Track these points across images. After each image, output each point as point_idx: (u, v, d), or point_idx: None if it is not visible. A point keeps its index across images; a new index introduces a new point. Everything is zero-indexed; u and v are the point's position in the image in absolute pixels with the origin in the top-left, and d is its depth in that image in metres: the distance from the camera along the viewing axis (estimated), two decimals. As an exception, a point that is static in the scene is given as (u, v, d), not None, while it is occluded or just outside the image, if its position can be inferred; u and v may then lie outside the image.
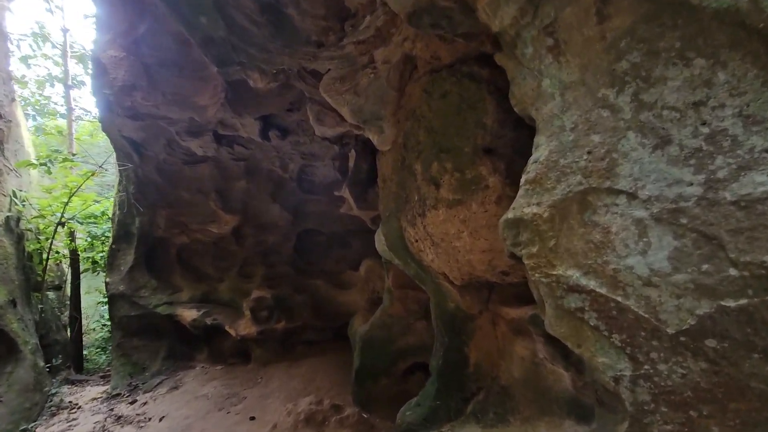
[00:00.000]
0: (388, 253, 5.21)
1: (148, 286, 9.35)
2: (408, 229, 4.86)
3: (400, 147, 4.82)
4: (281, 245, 9.93)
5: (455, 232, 4.00)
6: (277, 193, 9.48)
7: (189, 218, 9.36)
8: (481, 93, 3.61)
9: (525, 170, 2.69)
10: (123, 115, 7.42)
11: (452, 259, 4.25)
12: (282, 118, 8.19)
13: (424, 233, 4.48)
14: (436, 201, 4.08)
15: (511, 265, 3.86)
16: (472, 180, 3.71)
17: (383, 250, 5.31)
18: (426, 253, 4.71)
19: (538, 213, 2.59)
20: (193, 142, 8.15)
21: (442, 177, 3.98)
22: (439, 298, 4.73)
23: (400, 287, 5.95)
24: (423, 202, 4.30)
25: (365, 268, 8.21)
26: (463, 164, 3.75)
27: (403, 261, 5.05)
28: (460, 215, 3.88)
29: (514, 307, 4.16)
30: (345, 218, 9.93)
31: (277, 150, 8.98)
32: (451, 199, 3.92)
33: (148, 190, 9.09)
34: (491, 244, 3.78)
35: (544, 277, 2.64)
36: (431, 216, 4.19)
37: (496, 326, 4.53)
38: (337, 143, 8.54)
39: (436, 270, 4.73)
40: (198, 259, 10.01)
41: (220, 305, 9.23)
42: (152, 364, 9.02)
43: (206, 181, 9.19)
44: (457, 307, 4.60)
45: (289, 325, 8.32)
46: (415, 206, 4.52)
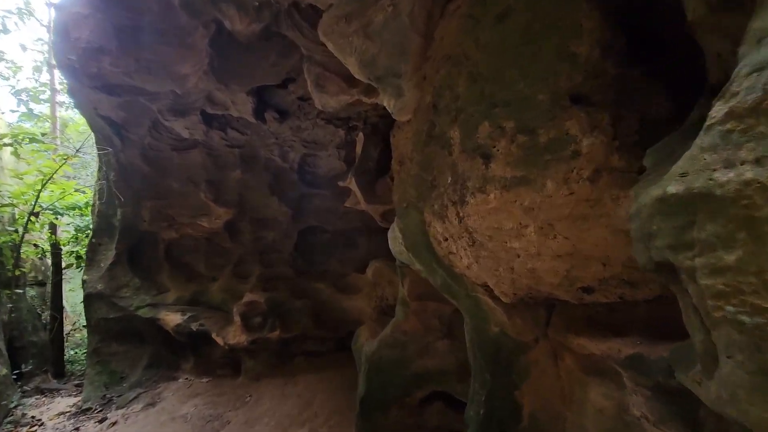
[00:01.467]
0: (405, 254, 3.77)
1: (130, 286, 7.95)
2: (434, 224, 3.41)
3: (426, 112, 3.37)
4: (281, 243, 8.50)
5: (514, 226, 2.54)
6: (276, 186, 8.05)
7: (177, 211, 7.95)
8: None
9: (722, 95, 1.25)
10: (92, 87, 6.02)
11: (503, 265, 2.80)
12: (279, 96, 6.77)
13: (460, 229, 3.03)
14: (484, 181, 2.63)
15: (602, 279, 2.40)
16: (549, 145, 2.25)
17: (399, 251, 3.87)
18: (459, 255, 3.27)
19: (753, 180, 1.14)
20: (178, 123, 6.74)
21: (496, 144, 2.52)
22: (478, 319, 3.28)
23: (418, 298, 4.50)
24: (461, 184, 2.86)
25: (373, 270, 6.76)
26: (535, 121, 2.30)
27: (426, 266, 3.60)
28: (523, 201, 2.43)
29: (595, 338, 2.70)
30: (351, 214, 8.49)
31: (275, 136, 7.56)
32: (511, 178, 2.46)
33: (132, 179, 7.69)
34: (575, 246, 2.32)
35: (749, 313, 1.21)
36: (475, 203, 2.74)
37: (559, 361, 3.06)
38: (342, 126, 7.10)
39: (473, 279, 3.28)
40: (189, 257, 8.60)
41: (209, 309, 7.81)
42: (132, 373, 7.61)
43: (197, 170, 7.79)
44: (503, 332, 3.14)
45: (285, 335, 6.88)
46: (448, 192, 3.08)
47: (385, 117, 6.44)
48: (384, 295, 6.63)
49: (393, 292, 6.51)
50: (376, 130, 6.30)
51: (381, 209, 6.07)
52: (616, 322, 2.77)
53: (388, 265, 6.59)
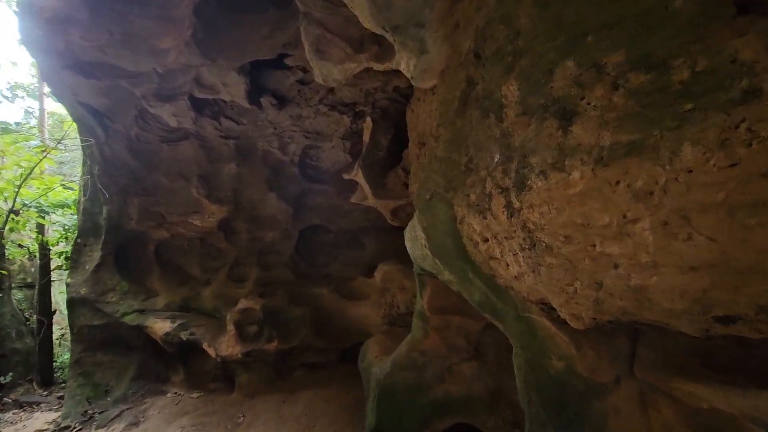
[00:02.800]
0: (429, 260, 2.83)
1: (116, 290, 7.03)
2: (470, 220, 2.47)
3: (460, 70, 2.42)
4: (280, 244, 7.57)
5: (612, 221, 1.58)
6: (275, 180, 7.12)
7: (167, 208, 7.03)
8: None
9: None
10: (65, 66, 5.10)
11: (584, 279, 1.84)
12: (277, 79, 5.83)
13: (511, 226, 2.08)
14: (562, 154, 1.68)
15: (763, 306, 1.44)
16: (693, 84, 1.30)
17: (420, 256, 2.94)
18: (505, 262, 2.32)
19: None
20: (164, 109, 5.82)
21: (585, 94, 1.56)
22: (533, 349, 2.32)
23: (440, 311, 3.55)
24: (519, 162, 1.91)
25: (382, 274, 5.82)
26: (665, 46, 1.35)
27: (459, 275, 2.66)
28: (634, 180, 1.47)
29: (716, 385, 1.75)
30: (357, 212, 7.55)
31: (273, 125, 6.63)
32: (611, 145, 1.50)
33: (117, 173, 6.77)
34: (724, 252, 1.36)
35: None
36: (543, 189, 1.78)
37: (650, 412, 2.10)
38: (347, 112, 6.15)
39: (525, 294, 2.34)
40: (182, 258, 7.68)
41: (202, 315, 6.89)
42: (117, 386, 6.69)
43: (189, 164, 6.86)
44: (570, 369, 2.19)
45: (283, 346, 5.94)
46: (493, 175, 2.13)
47: (397, 100, 5.50)
48: (394, 302, 5.69)
49: (405, 299, 5.57)
50: (386, 115, 5.36)
51: (392, 205, 5.13)
52: (749, 363, 1.82)
53: (399, 268, 5.65)
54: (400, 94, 5.34)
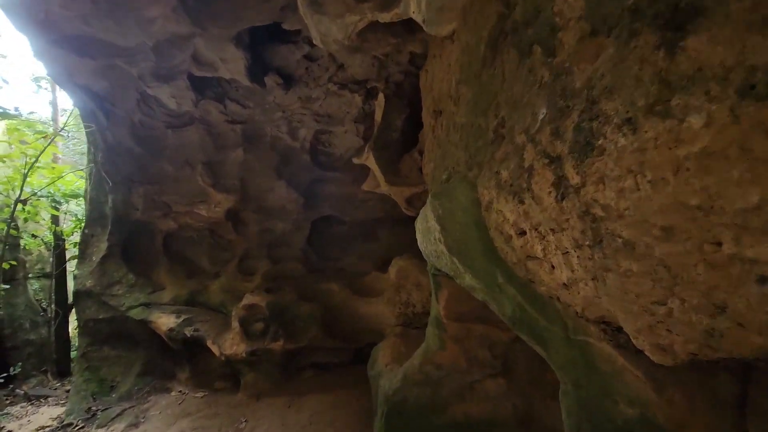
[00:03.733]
0: (445, 258, 2.13)
1: (123, 282, 6.61)
2: (500, 206, 1.76)
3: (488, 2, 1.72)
4: (291, 236, 7.00)
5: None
6: (285, 168, 6.53)
7: (172, 197, 6.54)
8: None
9: None
10: (51, 41, 4.59)
11: (694, 296, 1.12)
12: (281, 55, 5.18)
13: (561, 211, 1.38)
14: (664, 89, 0.97)
15: None
16: None
17: (435, 253, 2.23)
18: (549, 263, 1.61)
19: None
20: (162, 90, 5.27)
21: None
22: (591, 386, 1.61)
23: (460, 319, 2.85)
24: (581, 112, 1.22)
25: (397, 270, 5.16)
26: None
27: (484, 278, 1.95)
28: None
29: None
30: (371, 201, 6.89)
31: (282, 108, 6.01)
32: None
33: (121, 161, 6.31)
34: None
35: None
36: (630, 149, 1.07)
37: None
38: (359, 91, 5.46)
39: (579, 309, 1.63)
40: (191, 250, 7.20)
41: (209, 310, 6.40)
42: (123, 382, 6.28)
43: (194, 150, 6.34)
44: (646, 418, 1.48)
45: (290, 346, 5.36)
46: (536, 140, 1.44)
47: (412, 74, 4.78)
48: (410, 300, 5.02)
49: (422, 298, 4.90)
50: (400, 92, 4.66)
51: (407, 192, 4.44)
52: None
53: (416, 263, 4.97)
54: (416, 67, 4.61)
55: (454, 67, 2.10)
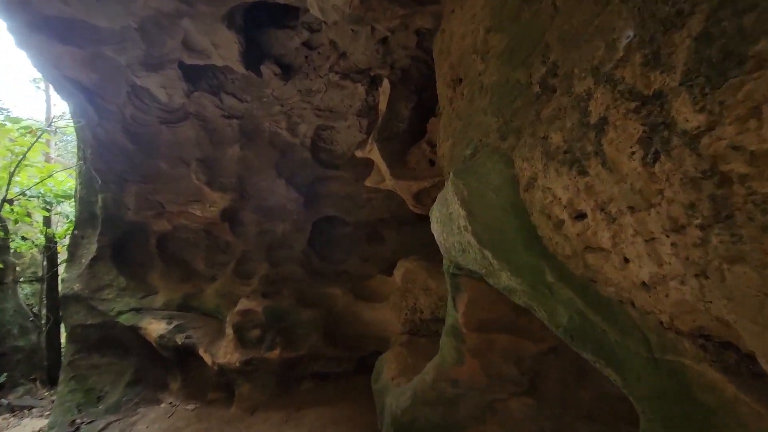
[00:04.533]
0: (472, 251, 1.65)
1: (114, 286, 6.16)
2: (548, 181, 1.30)
3: None
4: (291, 237, 6.54)
5: None
6: (285, 166, 6.10)
7: (167, 196, 6.11)
8: None
9: None
10: (30, 26, 4.21)
11: None
12: (279, 42, 4.76)
13: (649, 180, 0.94)
14: None
15: None
16: None
17: (457, 245, 1.76)
18: (619, 255, 1.16)
19: None
20: (152, 80, 4.86)
21: None
22: (688, 425, 1.14)
23: (482, 328, 2.38)
24: (715, 13, 0.78)
25: (403, 273, 4.69)
26: None
27: (528, 276, 1.48)
28: None
29: None
30: (376, 201, 6.43)
31: (281, 102, 5.59)
32: None
33: (113, 158, 5.89)
34: None
35: None
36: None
37: None
38: (363, 81, 5.02)
39: (667, 319, 1.17)
40: (186, 252, 6.76)
41: (203, 315, 5.94)
42: (112, 392, 5.81)
43: (189, 147, 5.92)
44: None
45: (288, 354, 4.89)
46: (618, 76, 1.00)
47: (420, 60, 4.35)
48: (417, 305, 4.54)
49: (430, 303, 4.42)
50: (407, 78, 4.22)
51: (415, 187, 3.99)
52: None
53: (423, 266, 4.50)
54: (425, 50, 4.19)
55: (482, 14, 1.66)
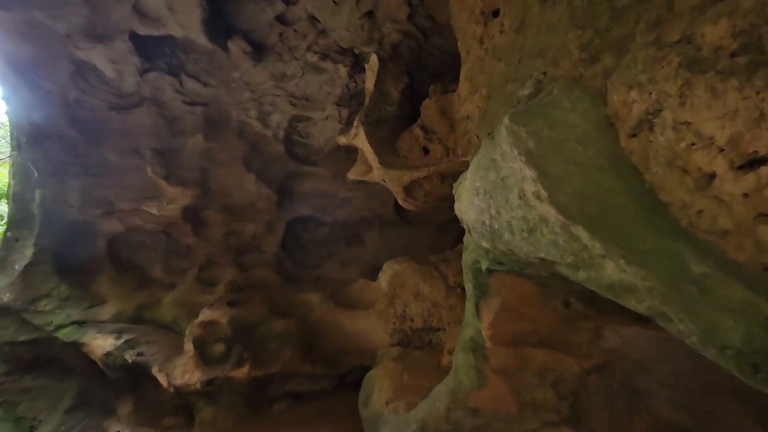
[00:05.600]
0: (550, 229, 1.08)
1: (53, 296, 5.25)
2: (687, 114, 0.76)
3: None
4: (263, 239, 5.84)
5: None
6: (255, 159, 5.41)
7: (117, 192, 5.28)
8: None
9: None
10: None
11: None
12: (249, 16, 4.13)
13: None
14: None
15: None
16: None
17: (519, 222, 1.17)
18: None
19: None
20: (97, 53, 4.09)
21: None
22: None
23: (514, 342, 1.81)
24: None
25: (390, 276, 4.10)
26: None
27: (658, 265, 0.93)
28: None
29: None
30: (356, 200, 5.83)
31: (251, 88, 4.92)
32: None
33: (53, 148, 5.03)
34: None
35: None
36: None
37: None
38: (345, 61, 4.43)
39: None
40: (142, 256, 5.91)
41: (159, 328, 5.12)
42: (47, 420, 4.89)
43: (144, 136, 5.13)
44: None
45: (257, 372, 4.17)
46: None
47: (412, 35, 3.81)
48: (407, 313, 3.95)
49: (422, 311, 3.85)
50: (397, 56, 3.67)
51: (406, 177, 3.42)
52: None
53: (415, 268, 3.93)
54: (416, 26, 3.65)
55: None
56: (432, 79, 3.72)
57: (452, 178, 3.71)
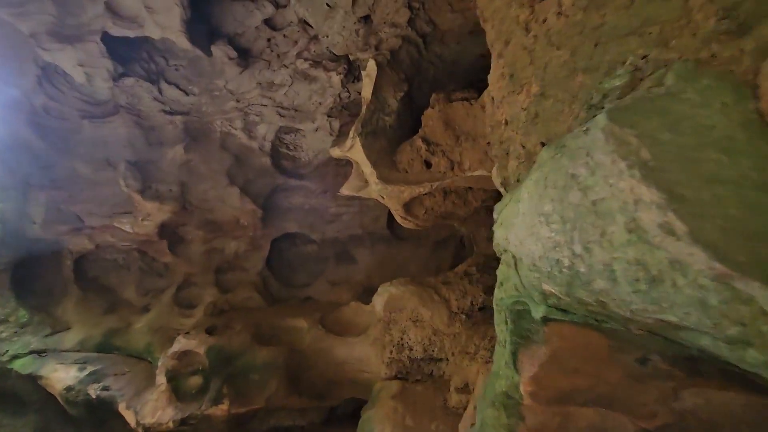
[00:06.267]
0: (700, 282, 0.73)
1: (11, 321, 4.68)
2: None
3: None
4: (246, 257, 5.39)
5: None
6: (239, 172, 4.98)
7: (87, 207, 4.78)
8: None
9: None
10: None
11: None
12: (236, 19, 3.77)
13: None
14: None
15: None
16: None
17: (638, 265, 0.81)
18: None
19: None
20: (65, 54, 3.64)
21: None
22: None
23: (560, 400, 1.45)
24: None
25: (386, 300, 3.71)
26: None
27: None
28: None
29: None
30: (347, 216, 5.44)
31: (236, 96, 4.53)
32: None
33: (14, 158, 4.52)
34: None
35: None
36: None
37: None
38: (337, 69, 4.08)
39: None
40: (113, 276, 5.39)
41: (129, 358, 4.59)
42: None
43: (118, 147, 4.67)
44: None
45: (238, 409, 3.68)
46: None
47: (412, 41, 3.51)
48: (405, 341, 3.56)
49: (421, 338, 3.47)
50: (396, 63, 3.35)
51: (407, 193, 3.07)
52: None
53: (414, 291, 3.55)
54: (417, 31, 3.35)
55: None
56: (431, 90, 3.42)
57: (456, 195, 3.38)
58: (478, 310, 3.38)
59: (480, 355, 2.86)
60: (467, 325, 3.27)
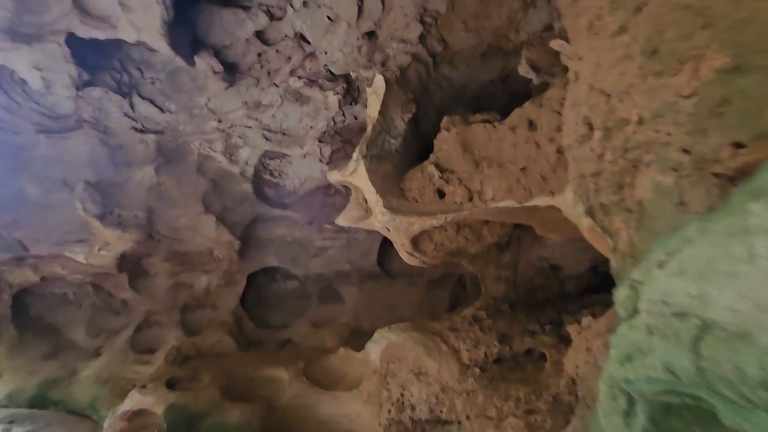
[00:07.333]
0: None
1: None
2: None
3: None
4: (218, 294, 4.71)
5: None
6: (216, 199, 4.41)
7: (33, 233, 4.05)
8: None
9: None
10: None
11: None
12: (224, 29, 3.34)
13: None
14: None
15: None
16: None
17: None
18: None
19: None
20: (19, 56, 3.08)
21: None
22: None
23: None
24: None
25: (384, 348, 3.15)
26: None
27: None
28: None
29: None
30: (334, 250, 4.90)
31: (217, 116, 4.05)
32: None
33: (-51, 174, 3.80)
34: None
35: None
36: None
37: None
38: (335, 88, 3.66)
39: None
40: (61, 314, 4.58)
41: (68, 414, 3.74)
42: None
43: (77, 166, 4.03)
44: None
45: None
46: None
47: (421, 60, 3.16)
48: (407, 398, 2.97)
49: (426, 395, 2.91)
50: (405, 81, 2.98)
51: (417, 226, 2.63)
52: None
53: (415, 338, 3.01)
54: (428, 49, 3.02)
55: None
56: (437, 115, 3.07)
57: (469, 229, 2.96)
58: (493, 362, 2.87)
59: (509, 422, 2.33)
60: (482, 381, 2.75)
